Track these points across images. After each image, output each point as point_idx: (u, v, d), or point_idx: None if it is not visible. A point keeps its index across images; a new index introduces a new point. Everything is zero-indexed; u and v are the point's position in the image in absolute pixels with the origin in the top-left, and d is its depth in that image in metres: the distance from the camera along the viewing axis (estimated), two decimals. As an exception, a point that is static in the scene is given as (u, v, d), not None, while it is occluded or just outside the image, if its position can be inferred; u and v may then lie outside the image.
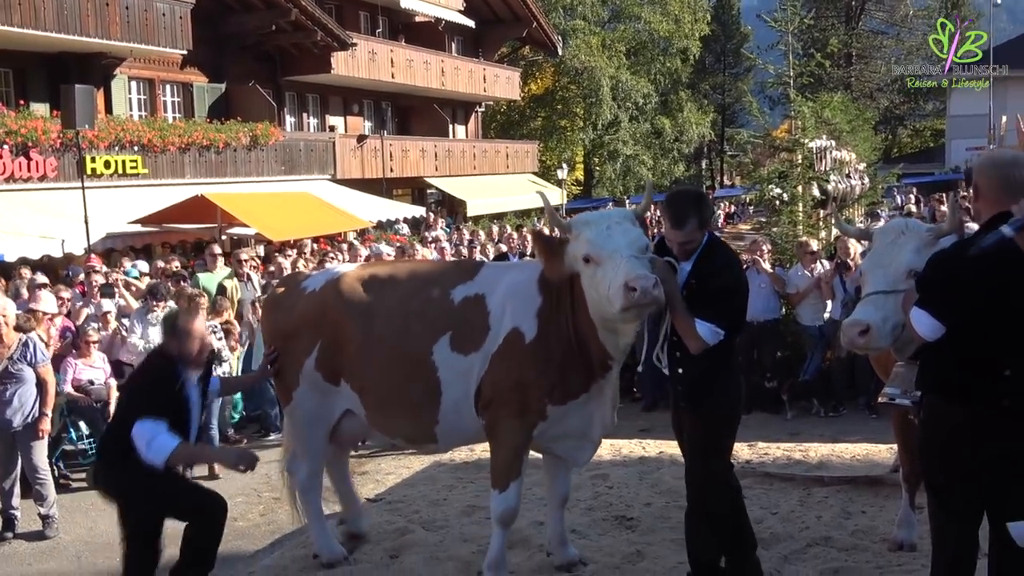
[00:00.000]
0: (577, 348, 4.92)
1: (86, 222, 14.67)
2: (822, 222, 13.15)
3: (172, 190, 19.30)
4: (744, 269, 6.06)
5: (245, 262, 11.89)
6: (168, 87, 23.59)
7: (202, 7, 21.49)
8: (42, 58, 19.17)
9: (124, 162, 19.55)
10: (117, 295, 11.02)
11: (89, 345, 9.22)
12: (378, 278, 5.59)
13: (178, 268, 12.83)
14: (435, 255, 14.68)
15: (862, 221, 14.03)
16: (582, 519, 6.52)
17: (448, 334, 5.21)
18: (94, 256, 13.63)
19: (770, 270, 10.70)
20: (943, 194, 23.40)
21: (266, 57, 26.09)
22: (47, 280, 11.74)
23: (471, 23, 34.13)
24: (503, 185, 33.36)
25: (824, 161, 13.32)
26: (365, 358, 5.38)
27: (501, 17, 37.00)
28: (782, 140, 13.82)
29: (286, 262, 13.01)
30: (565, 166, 37.43)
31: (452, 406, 5.22)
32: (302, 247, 16.62)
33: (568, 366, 4.96)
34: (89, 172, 17.37)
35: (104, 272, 12.03)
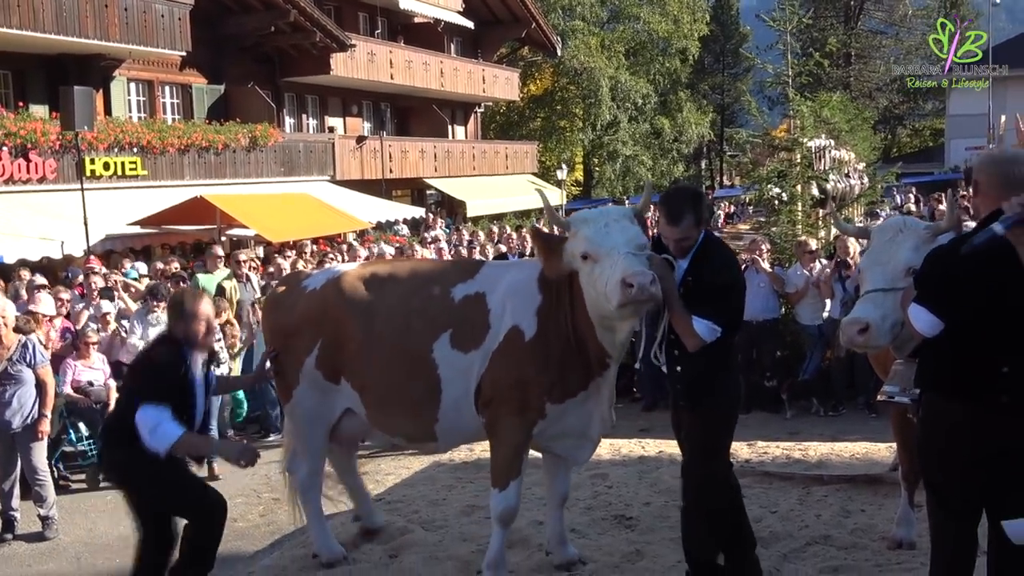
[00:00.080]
0: (576, 346, 4.93)
1: (85, 224, 14.66)
2: (821, 221, 13.16)
3: (171, 191, 19.29)
4: (742, 268, 6.07)
5: (244, 263, 11.90)
6: (167, 88, 23.58)
7: (201, 9, 21.49)
8: (41, 60, 19.16)
9: (123, 163, 19.53)
10: (116, 297, 11.02)
11: (88, 346, 9.22)
12: (379, 276, 5.60)
13: (177, 270, 12.84)
14: (434, 256, 14.68)
15: (862, 221, 14.03)
16: (581, 518, 6.51)
17: (448, 332, 5.21)
18: (93, 258, 13.63)
19: (769, 269, 10.71)
20: (942, 193, 23.39)
21: (265, 58, 26.09)
22: (46, 282, 11.74)
23: (470, 24, 34.12)
24: (503, 186, 33.37)
25: (823, 160, 13.34)
26: (366, 356, 5.39)
27: (500, 18, 37.01)
28: (781, 140, 13.83)
29: (285, 263, 13.02)
30: (564, 167, 37.40)
31: (452, 404, 5.23)
32: (302, 248, 16.63)
33: (567, 364, 4.96)
34: (88, 174, 17.35)
35: (103, 274, 12.03)
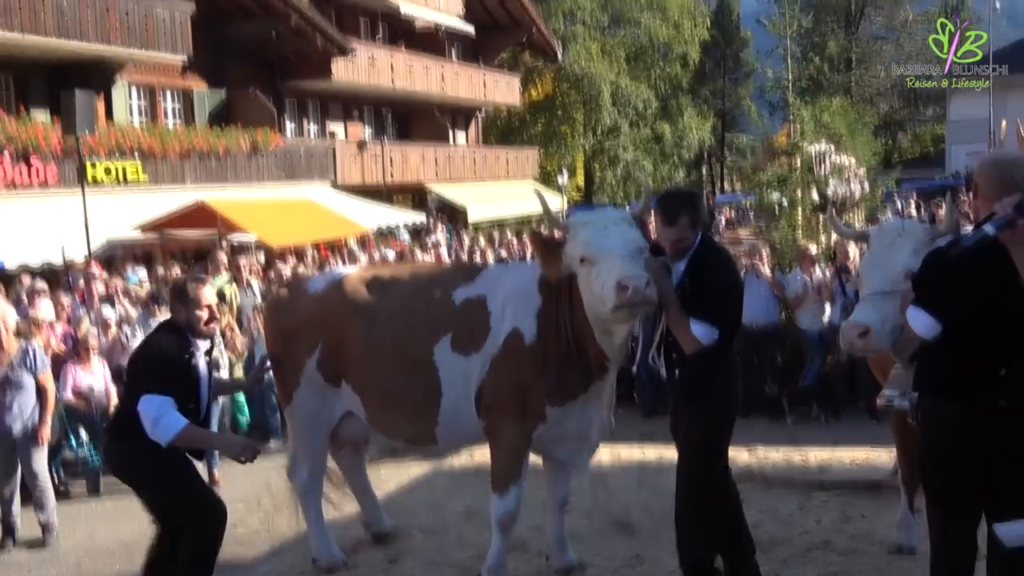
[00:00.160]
0: (575, 349, 4.93)
1: (86, 229, 14.66)
2: (822, 227, 13.13)
3: (173, 196, 19.30)
4: (739, 270, 6.07)
5: (245, 267, 11.90)
6: (169, 93, 23.61)
7: (202, 13, 21.53)
8: (42, 64, 19.18)
9: (125, 168, 19.57)
10: (117, 302, 11.01)
11: (89, 352, 9.20)
12: (381, 280, 5.63)
13: (178, 275, 12.82)
14: (434, 261, 14.65)
15: (862, 226, 14.00)
16: (581, 523, 6.51)
17: (449, 335, 5.23)
18: (94, 263, 13.63)
19: (769, 275, 10.69)
20: (942, 199, 23.36)
21: (266, 63, 26.11)
22: (47, 287, 11.73)
23: (471, 29, 34.15)
24: (504, 191, 33.37)
25: (823, 165, 13.32)
26: (367, 359, 5.41)
27: (501, 23, 37.07)
28: (781, 146, 13.82)
29: (286, 268, 13.02)
30: (565, 172, 37.39)
31: (452, 406, 5.24)
32: (302, 254, 16.64)
33: (567, 367, 4.97)
34: (90, 179, 17.35)
35: (104, 279, 12.03)
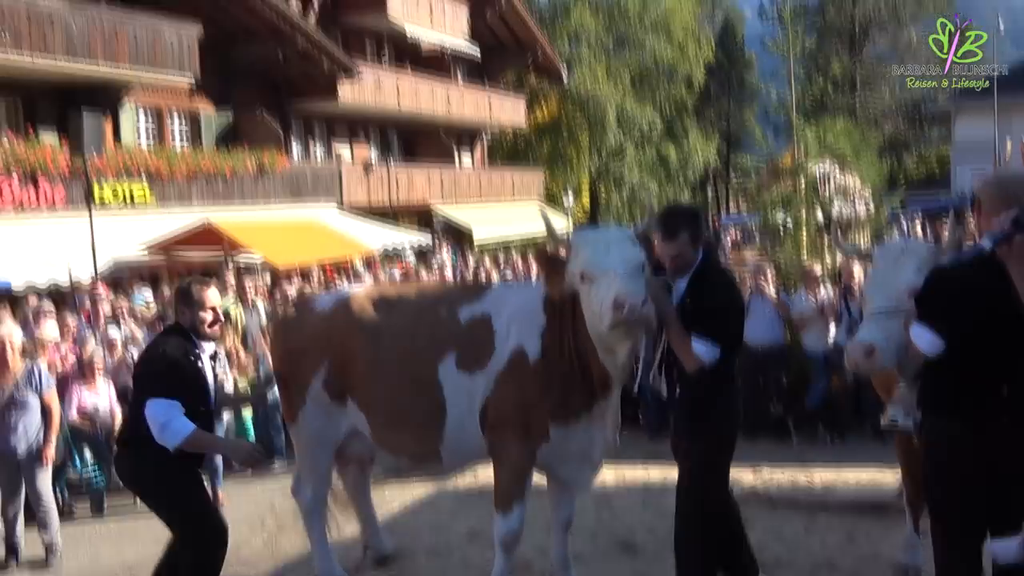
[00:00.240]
0: (579, 368, 4.93)
1: (93, 250, 14.71)
2: (827, 247, 13.15)
3: (179, 218, 19.37)
4: (742, 290, 6.08)
5: (250, 288, 11.92)
6: (176, 115, 23.73)
7: (210, 36, 21.65)
8: (51, 86, 19.28)
9: (131, 190, 19.65)
10: (122, 323, 11.03)
11: (94, 372, 9.21)
12: (387, 298, 5.67)
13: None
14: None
15: (868, 246, 14.02)
16: (585, 544, 6.49)
17: (454, 353, 5.25)
18: (100, 283, 13.67)
19: (774, 295, 10.68)
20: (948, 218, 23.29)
21: (273, 85, 26.24)
22: (53, 308, 11.76)
23: (476, 51, 34.31)
24: (509, 212, 33.42)
25: (827, 186, 13.36)
26: (373, 377, 5.42)
27: (506, 45, 37.27)
28: (785, 166, 13.87)
29: (292, 289, 13.03)
30: (571, 193, 37.45)
31: (456, 424, 5.25)
32: (309, 274, 16.67)
33: (570, 386, 4.96)
34: (97, 200, 17.41)
35: (110, 300, 12.06)
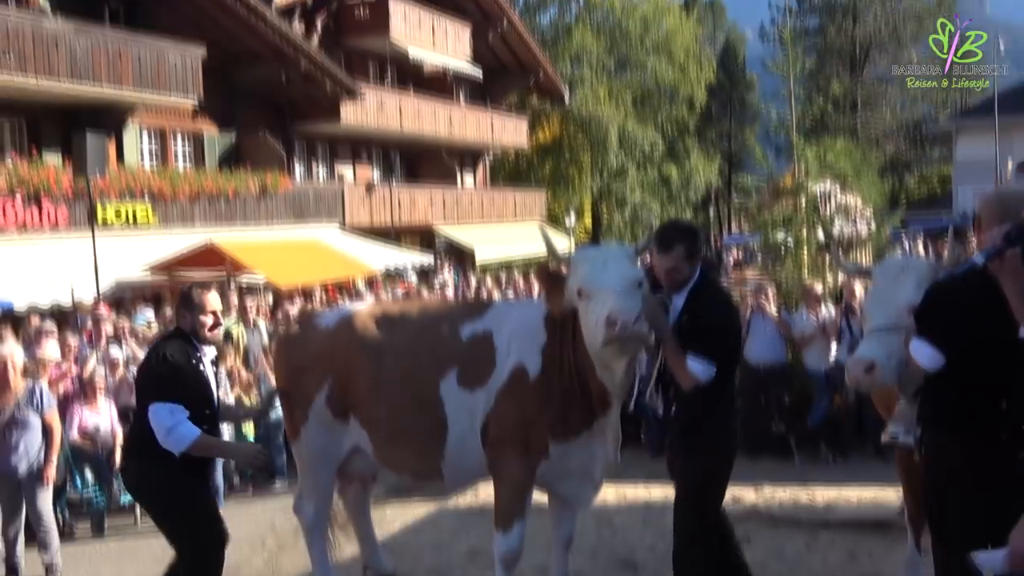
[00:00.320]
0: (578, 384, 4.93)
1: (96, 270, 14.74)
2: (828, 266, 13.15)
3: (182, 238, 19.44)
4: (739, 308, 6.07)
5: (252, 308, 11.94)
6: (179, 136, 23.85)
7: (213, 58, 21.79)
8: (55, 108, 19.41)
9: (134, 211, 19.72)
10: (123, 343, 11.04)
11: (95, 392, 9.21)
12: (390, 316, 5.69)
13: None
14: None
15: (870, 265, 13.99)
16: (586, 563, 6.47)
17: (455, 370, 5.26)
18: (102, 303, 13.69)
19: (775, 314, 10.68)
20: (950, 238, 23.27)
21: (276, 107, 26.40)
22: (55, 328, 11.77)
23: (479, 72, 34.46)
24: (511, 233, 33.48)
25: (828, 205, 13.36)
26: (375, 394, 5.43)
27: (508, 67, 37.46)
28: (786, 186, 13.86)
29: (294, 309, 13.05)
30: (573, 213, 37.53)
31: (458, 441, 5.25)
32: (311, 294, 16.69)
33: (570, 403, 4.97)
34: (100, 221, 17.47)
35: (112, 320, 12.07)
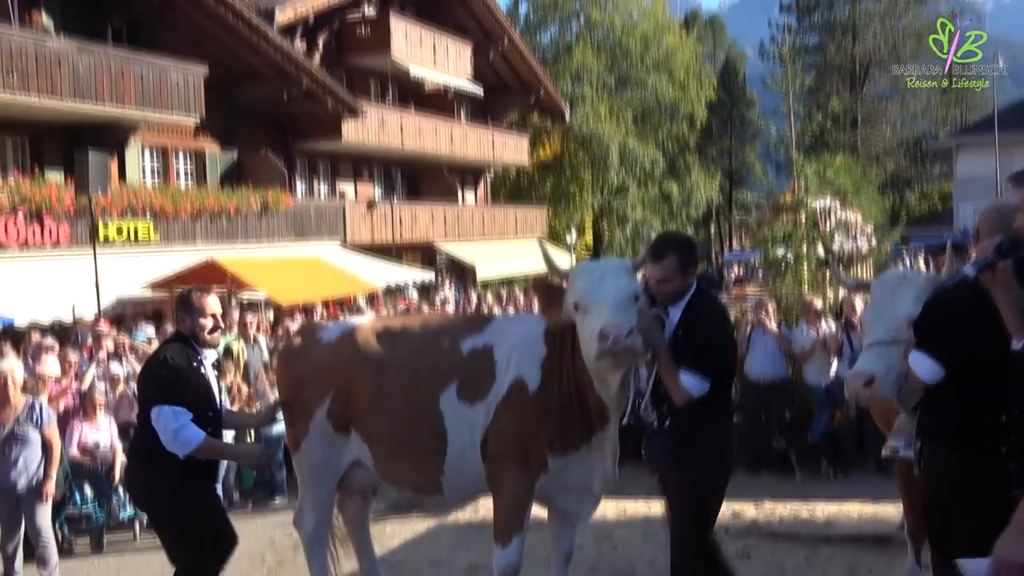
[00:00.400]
0: (577, 398, 4.93)
1: (97, 287, 14.76)
2: (828, 281, 13.16)
3: (183, 256, 19.45)
4: (733, 323, 6.06)
5: (252, 324, 11.95)
6: (181, 154, 23.91)
7: (215, 76, 21.87)
8: (57, 126, 19.47)
9: (136, 228, 19.76)
10: (123, 359, 11.04)
11: (95, 408, 9.21)
12: (392, 330, 5.69)
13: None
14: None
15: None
16: (586, 579, 6.45)
17: (456, 384, 5.26)
18: (103, 320, 13.70)
19: (776, 329, 10.67)
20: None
21: (278, 124, 26.47)
22: (56, 344, 11.78)
23: (480, 90, 34.61)
24: (512, 249, 33.53)
25: (828, 221, 13.39)
26: (376, 407, 5.43)
27: (509, 84, 37.61)
28: (786, 203, 13.89)
29: (294, 325, 13.05)
30: (574, 230, 37.58)
31: (457, 455, 5.24)
32: (312, 311, 16.71)
33: (568, 416, 4.96)
34: (101, 238, 17.49)
35: (112, 336, 12.08)
